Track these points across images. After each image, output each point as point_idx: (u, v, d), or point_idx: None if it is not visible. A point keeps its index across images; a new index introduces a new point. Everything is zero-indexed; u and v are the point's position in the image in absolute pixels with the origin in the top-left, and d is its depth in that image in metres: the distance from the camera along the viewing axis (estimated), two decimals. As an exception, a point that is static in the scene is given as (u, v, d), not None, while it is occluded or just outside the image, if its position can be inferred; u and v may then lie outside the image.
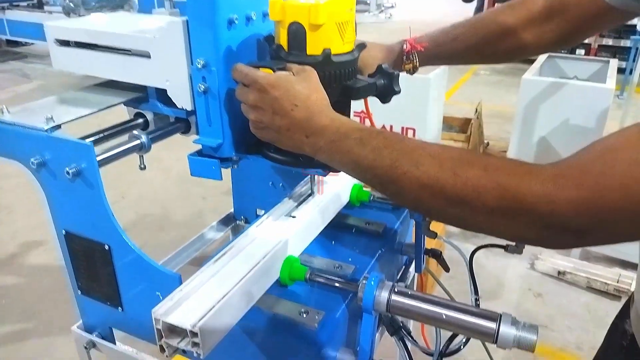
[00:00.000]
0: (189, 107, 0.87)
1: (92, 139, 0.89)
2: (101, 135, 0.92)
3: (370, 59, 0.93)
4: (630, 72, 5.07)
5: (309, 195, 1.05)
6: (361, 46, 0.83)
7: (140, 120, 1.00)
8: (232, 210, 1.45)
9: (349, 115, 0.85)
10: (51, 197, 0.88)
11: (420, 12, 11.84)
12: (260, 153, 0.85)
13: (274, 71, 0.74)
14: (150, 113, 0.99)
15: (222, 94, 0.81)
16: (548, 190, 0.54)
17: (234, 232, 1.45)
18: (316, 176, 1.04)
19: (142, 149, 0.90)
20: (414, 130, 3.15)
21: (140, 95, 0.96)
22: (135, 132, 0.91)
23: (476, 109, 3.86)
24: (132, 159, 0.94)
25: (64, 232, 0.90)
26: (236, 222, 1.45)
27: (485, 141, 4.22)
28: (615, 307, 2.55)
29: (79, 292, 0.96)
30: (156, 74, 0.87)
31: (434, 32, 1.01)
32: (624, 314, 0.93)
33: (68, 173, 0.78)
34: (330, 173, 0.84)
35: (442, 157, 0.61)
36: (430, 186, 0.60)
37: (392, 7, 12.07)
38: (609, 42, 6.52)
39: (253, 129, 0.76)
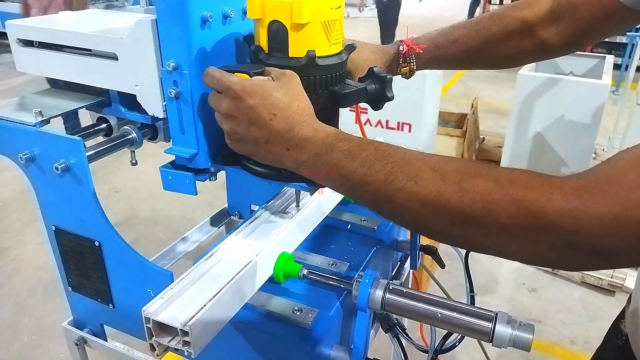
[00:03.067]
0: (160, 115, 0.80)
1: (81, 133, 0.87)
2: (91, 130, 0.90)
3: (361, 61, 0.86)
4: (626, 68, 5.08)
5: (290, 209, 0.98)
6: (350, 47, 0.76)
7: (104, 126, 0.92)
8: (226, 205, 1.44)
9: (337, 124, 0.79)
10: (40, 192, 0.86)
11: (415, 7, 11.81)
12: (239, 164, 0.78)
13: (250, 76, 0.67)
14: (114, 118, 0.91)
15: (195, 99, 0.74)
16: (572, 205, 0.47)
17: (228, 227, 1.43)
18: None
19: (133, 144, 0.88)
20: (410, 125, 3.15)
21: (103, 99, 0.89)
22: (126, 127, 0.89)
23: (472, 104, 3.86)
24: (126, 153, 0.93)
25: (53, 227, 0.88)
26: (230, 217, 1.43)
27: (481, 136, 4.22)
28: (609, 302, 2.58)
29: (70, 288, 0.95)
30: (124, 77, 0.80)
31: (431, 34, 0.93)
32: (621, 315, 0.93)
33: (57, 168, 0.77)
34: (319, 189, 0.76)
35: (444, 170, 0.54)
36: (432, 203, 0.53)
37: (389, 1, 12.01)
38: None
39: (228, 140, 0.70)
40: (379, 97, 0.76)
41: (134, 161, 0.93)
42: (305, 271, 0.86)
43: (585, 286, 2.66)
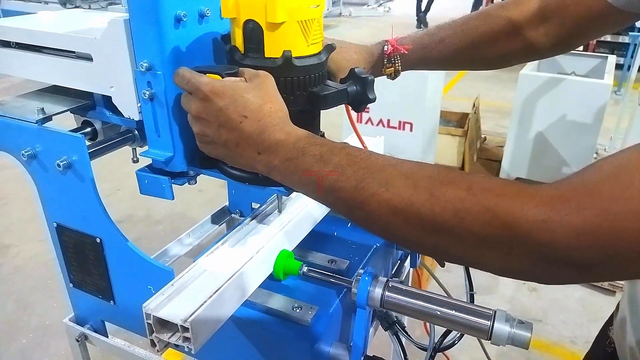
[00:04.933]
0: (136, 117, 0.78)
1: (83, 131, 0.88)
2: (93, 127, 0.90)
3: (344, 62, 0.83)
4: (628, 69, 5.07)
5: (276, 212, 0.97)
6: (329, 48, 0.73)
7: (88, 129, 0.90)
8: (227, 203, 1.44)
9: (318, 127, 0.77)
10: (42, 189, 0.87)
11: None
12: (217, 168, 0.76)
13: (222, 77, 0.65)
14: (99, 122, 0.90)
15: (170, 100, 0.73)
16: (546, 215, 0.45)
17: (229, 225, 1.44)
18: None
19: (134, 141, 0.89)
20: (411, 124, 3.15)
21: (87, 102, 0.87)
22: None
23: (474, 104, 3.86)
24: (127, 151, 0.93)
25: (55, 224, 0.89)
26: (231, 215, 1.44)
27: (483, 136, 4.23)
28: (609, 302, 2.58)
29: (71, 285, 0.95)
30: (100, 79, 0.79)
31: (417, 34, 0.91)
32: (610, 321, 0.92)
33: (59, 165, 0.77)
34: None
35: (417, 176, 0.53)
36: (403, 211, 0.52)
37: (391, 0, 12.04)
38: (607, 38, 6.49)
39: (198, 142, 0.68)
40: (360, 99, 0.74)
41: (135, 158, 0.93)
42: (305, 269, 0.87)
43: (586, 286, 2.66)
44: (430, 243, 0.53)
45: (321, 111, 0.77)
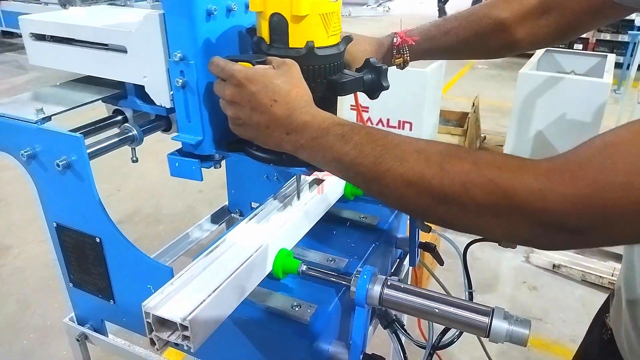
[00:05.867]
0: (167, 105, 0.84)
1: (82, 131, 0.88)
2: (92, 127, 0.91)
3: (358, 53, 0.89)
4: (628, 67, 5.07)
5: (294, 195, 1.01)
6: (347, 39, 0.79)
7: (119, 118, 0.96)
8: (226, 203, 1.45)
9: (335, 112, 0.81)
10: (42, 189, 0.87)
11: (418, 6, 11.80)
12: (243, 150, 0.81)
13: (252, 65, 0.71)
14: (130, 110, 0.95)
15: (201, 88, 0.79)
16: (542, 185, 0.50)
17: (228, 224, 1.44)
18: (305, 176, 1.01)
19: (133, 141, 0.89)
20: (410, 124, 3.15)
21: (119, 92, 0.92)
22: (127, 124, 0.90)
23: (473, 103, 3.86)
24: (128, 151, 0.94)
25: (55, 224, 0.89)
26: (230, 214, 1.44)
27: (482, 135, 4.22)
28: (609, 301, 2.57)
29: (71, 284, 0.96)
30: (133, 69, 0.84)
31: (425, 26, 0.97)
32: (605, 308, 0.93)
33: (58, 165, 0.77)
34: (315, 172, 0.80)
35: (428, 152, 0.58)
36: (415, 183, 0.57)
37: (390, 0, 12.03)
38: (607, 36, 6.51)
39: (231, 125, 0.74)
40: (375, 87, 0.80)
41: (134, 158, 0.93)
42: (304, 267, 0.87)
43: (586, 284, 2.66)
44: (439, 213, 0.58)
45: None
